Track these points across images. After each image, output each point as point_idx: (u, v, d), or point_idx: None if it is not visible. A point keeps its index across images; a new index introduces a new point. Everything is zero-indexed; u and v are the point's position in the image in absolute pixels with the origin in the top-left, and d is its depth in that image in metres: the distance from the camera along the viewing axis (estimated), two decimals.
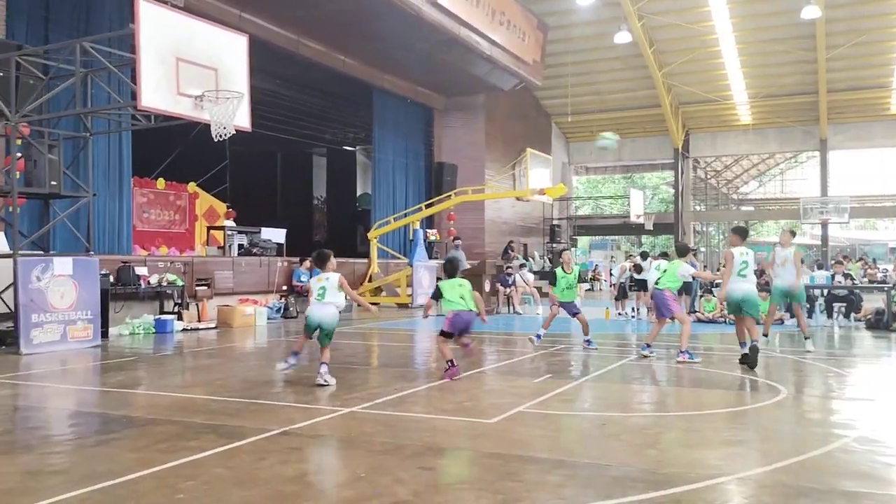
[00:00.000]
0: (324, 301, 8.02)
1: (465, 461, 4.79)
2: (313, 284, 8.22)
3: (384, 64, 22.52)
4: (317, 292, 8.06)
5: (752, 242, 43.62)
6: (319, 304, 8.03)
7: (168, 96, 10.23)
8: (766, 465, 4.77)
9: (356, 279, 21.48)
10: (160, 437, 5.44)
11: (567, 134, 35.94)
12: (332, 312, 8.09)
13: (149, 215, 20.21)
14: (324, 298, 8.01)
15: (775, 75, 29.46)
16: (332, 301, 8.08)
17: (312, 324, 8.09)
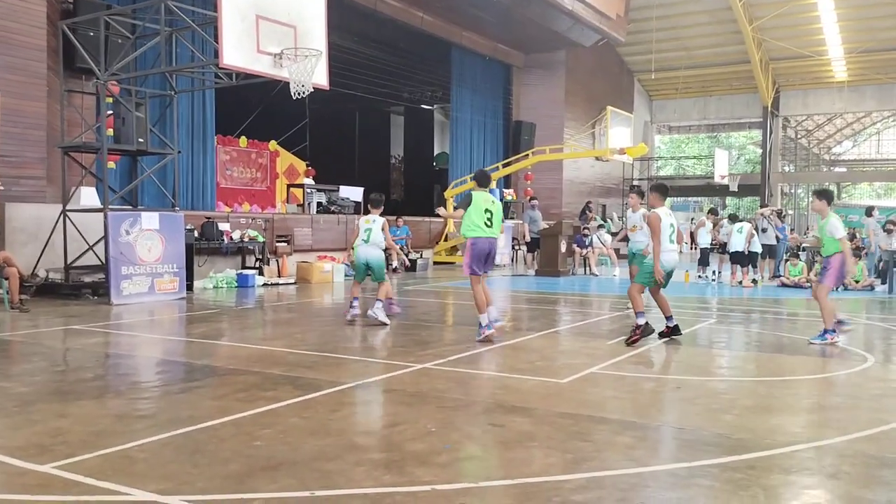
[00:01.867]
0: (369, 243, 8.86)
1: (536, 419, 4.79)
2: (361, 225, 8.91)
3: (462, 20, 22.27)
4: (363, 234, 8.83)
5: (842, 206, 41.86)
6: (365, 245, 8.86)
7: (248, 54, 10.38)
8: (848, 433, 4.60)
9: (432, 237, 21.62)
10: (240, 386, 5.64)
11: (650, 91, 34.92)
12: (377, 253, 8.92)
13: (231, 173, 20.74)
14: (369, 240, 8.85)
15: (875, 29, 27.75)
16: (376, 242, 8.87)
17: (360, 264, 8.92)
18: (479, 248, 7.72)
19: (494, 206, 7.77)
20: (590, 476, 3.76)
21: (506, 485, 3.62)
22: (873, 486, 3.69)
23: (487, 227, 7.67)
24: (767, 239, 16.42)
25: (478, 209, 7.70)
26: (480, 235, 7.69)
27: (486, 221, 7.66)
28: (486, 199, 7.75)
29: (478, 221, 7.69)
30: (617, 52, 30.83)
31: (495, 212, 7.77)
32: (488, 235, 7.72)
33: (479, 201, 7.73)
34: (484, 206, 7.72)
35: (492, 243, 7.77)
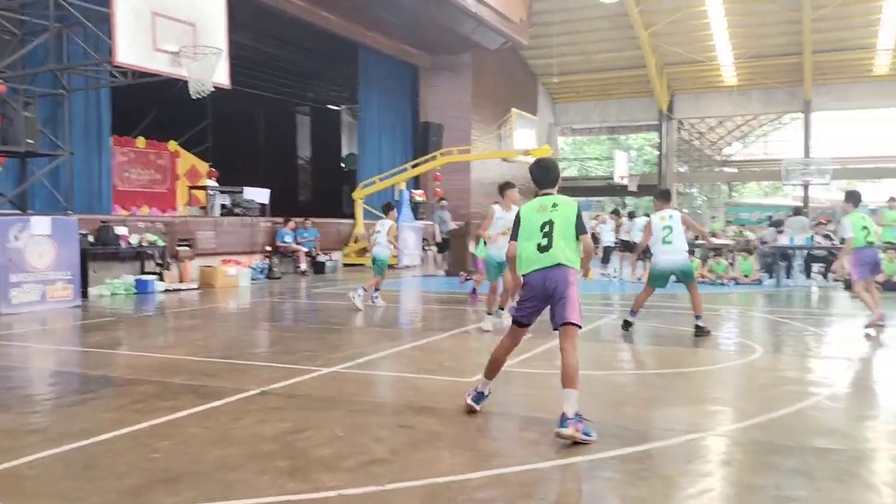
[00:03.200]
0: (378, 242, 11.08)
1: (444, 419, 4.82)
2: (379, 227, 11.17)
3: (368, 21, 22.18)
4: (375, 235, 11.13)
5: (734, 204, 43.94)
6: (378, 245, 11.06)
7: (145, 52, 10.06)
8: (740, 422, 4.83)
9: (341, 239, 21.43)
10: (138, 397, 5.43)
11: (553, 94, 35.69)
12: (380, 251, 11.13)
13: (129, 174, 19.96)
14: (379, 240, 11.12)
15: (761, 36, 29.29)
16: (381, 243, 11.10)
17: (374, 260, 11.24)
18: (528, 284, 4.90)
19: (557, 211, 4.84)
20: (495, 473, 3.81)
21: (413, 486, 3.63)
22: (764, 472, 3.88)
23: (541, 249, 4.78)
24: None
25: (530, 230, 4.88)
26: (531, 269, 4.83)
27: (538, 244, 4.79)
28: (543, 206, 4.91)
29: (528, 250, 4.85)
30: (521, 55, 31.37)
31: (559, 220, 4.80)
32: (540, 267, 4.77)
33: (530, 216, 4.93)
34: (539, 219, 4.86)
35: (546, 278, 4.75)
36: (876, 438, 4.55)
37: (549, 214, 4.82)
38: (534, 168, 5.16)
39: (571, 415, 4.30)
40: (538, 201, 4.97)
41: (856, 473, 3.88)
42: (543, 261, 4.75)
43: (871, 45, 29.12)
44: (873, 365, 7.20)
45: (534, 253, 4.80)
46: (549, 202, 4.90)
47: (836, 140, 42.96)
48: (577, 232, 4.78)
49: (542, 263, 4.75)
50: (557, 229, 4.76)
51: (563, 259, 4.72)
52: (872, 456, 4.22)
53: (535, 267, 4.79)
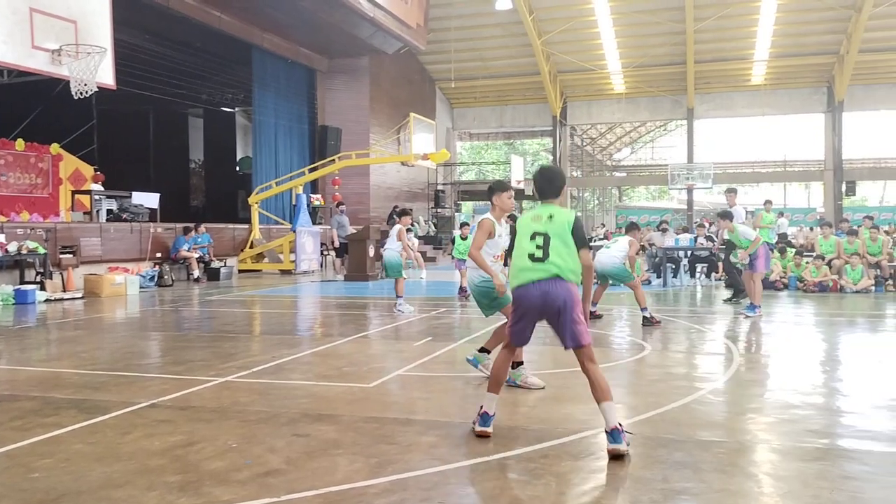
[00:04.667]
0: (385, 247, 11.48)
1: (342, 426, 4.78)
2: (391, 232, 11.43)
3: (263, 22, 21.77)
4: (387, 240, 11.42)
5: (623, 207, 45.58)
6: (387, 250, 11.25)
7: (21, 49, 9.54)
8: (629, 418, 5.01)
9: (237, 245, 20.92)
10: (15, 413, 5.13)
11: (451, 99, 36.05)
12: (390, 254, 11.21)
13: (7, 178, 18.85)
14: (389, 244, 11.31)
15: (647, 46, 30.55)
16: (391, 246, 11.24)
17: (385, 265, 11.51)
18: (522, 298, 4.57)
19: (552, 222, 4.53)
20: (394, 479, 3.81)
21: (310, 496, 3.58)
22: (651, 466, 4.04)
23: (534, 260, 4.50)
24: None
25: (522, 239, 4.63)
26: (524, 281, 4.54)
27: (531, 254, 4.52)
28: (538, 215, 4.63)
29: (519, 260, 4.59)
30: (419, 60, 31.54)
31: (554, 231, 4.50)
32: (534, 279, 4.48)
33: (525, 224, 4.66)
34: (533, 227, 4.59)
35: (546, 290, 4.45)
36: (756, 430, 4.81)
37: (543, 226, 4.51)
38: (536, 177, 4.82)
39: (620, 427, 4.18)
40: (534, 211, 4.69)
41: (738, 464, 4.09)
42: (538, 272, 4.45)
43: (749, 56, 30.89)
44: (754, 360, 7.62)
45: (527, 263, 4.49)
46: (546, 212, 4.58)
47: (718, 146, 45.30)
48: (577, 245, 4.48)
49: (537, 275, 4.44)
50: (553, 241, 4.46)
51: (561, 272, 4.41)
52: (753, 447, 4.46)
53: (529, 278, 4.46)
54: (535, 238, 4.50)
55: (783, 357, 7.75)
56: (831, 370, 7.01)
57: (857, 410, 5.28)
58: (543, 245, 4.46)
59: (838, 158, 31.95)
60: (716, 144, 45.53)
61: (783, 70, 31.34)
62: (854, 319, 10.96)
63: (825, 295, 14.18)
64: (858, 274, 14.66)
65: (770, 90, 32.13)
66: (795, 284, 14.98)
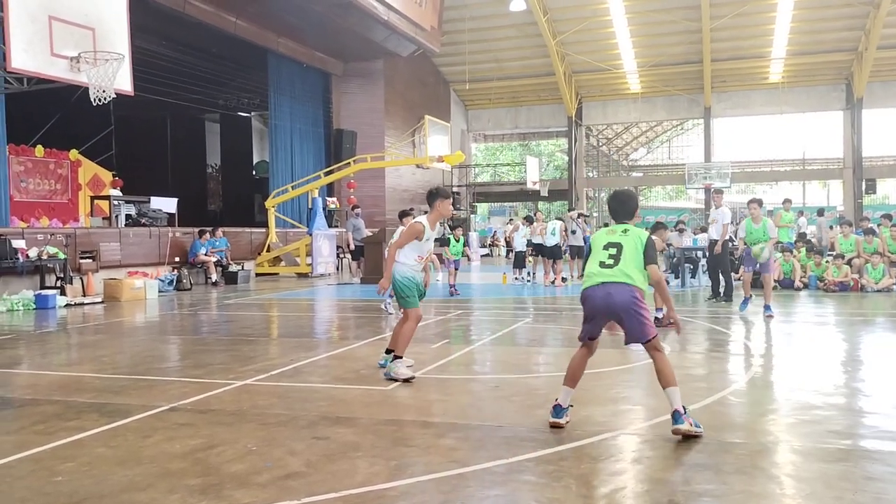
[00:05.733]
0: None
1: (360, 429, 4.79)
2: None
3: (278, 27, 21.89)
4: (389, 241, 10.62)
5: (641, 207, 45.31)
6: None
7: (41, 57, 9.63)
8: (649, 419, 4.98)
9: (254, 248, 21.03)
10: (38, 417, 5.18)
11: (465, 101, 36.07)
12: None
13: (27, 185, 19.08)
14: None
15: (663, 45, 30.43)
16: None
17: None
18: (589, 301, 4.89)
19: (626, 235, 4.84)
20: (413, 481, 3.81)
21: (330, 498, 3.59)
22: (672, 468, 4.02)
23: (604, 266, 4.81)
24: (576, 240, 17.48)
25: (595, 250, 4.96)
26: (590, 284, 4.85)
27: (601, 261, 4.83)
28: (612, 230, 5.00)
29: (590, 267, 4.93)
30: (433, 62, 31.58)
31: (626, 243, 4.80)
32: (600, 281, 4.77)
33: (598, 238, 5.02)
34: (605, 240, 4.92)
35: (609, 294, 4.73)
36: (777, 431, 4.77)
37: (617, 237, 4.83)
38: (610, 200, 5.20)
39: (682, 409, 4.47)
40: (610, 227, 5.01)
41: (759, 466, 4.06)
42: (604, 276, 4.74)
43: (766, 54, 30.68)
44: (774, 361, 7.55)
45: (596, 269, 4.81)
46: (620, 228, 4.90)
47: (736, 145, 44.98)
48: (645, 261, 4.74)
49: (603, 279, 4.74)
50: (625, 253, 4.74)
51: (627, 278, 4.68)
52: (775, 449, 4.42)
53: (596, 281, 4.77)
54: (609, 248, 4.82)
55: (804, 357, 7.68)
56: (853, 370, 6.93)
57: (879, 411, 5.21)
58: (616, 254, 4.77)
59: (858, 156, 31.65)
60: (733, 143, 45.25)
61: (801, 67, 31.10)
62: (875, 319, 10.84)
63: (846, 294, 14.04)
64: (880, 273, 14.50)
65: (788, 88, 31.88)
66: (816, 284, 14.84)
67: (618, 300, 4.67)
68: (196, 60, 21.91)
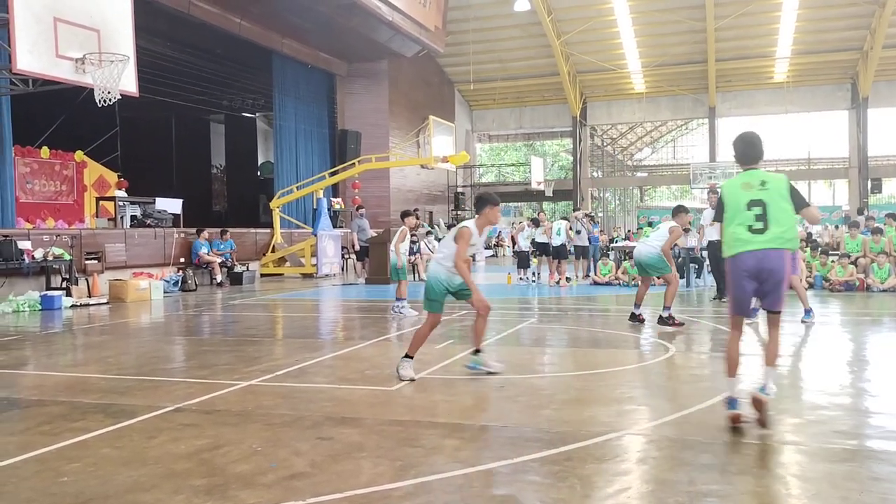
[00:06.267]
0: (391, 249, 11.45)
1: (365, 429, 4.79)
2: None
3: (283, 28, 21.91)
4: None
5: (644, 208, 45.22)
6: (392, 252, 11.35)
7: (46, 59, 9.66)
8: (654, 420, 4.98)
9: (259, 249, 21.06)
10: (43, 418, 5.19)
11: (470, 101, 36.06)
12: (392, 256, 11.34)
13: (32, 186, 19.14)
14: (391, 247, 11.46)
15: (667, 45, 30.38)
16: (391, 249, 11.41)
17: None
18: (737, 267, 4.64)
19: (767, 188, 4.58)
20: (418, 482, 3.81)
21: (335, 499, 3.59)
22: (677, 468, 4.01)
23: (753, 231, 4.53)
24: (580, 240, 17.47)
25: (735, 208, 4.64)
26: (740, 250, 4.59)
27: (749, 225, 4.55)
28: (748, 183, 4.64)
29: (737, 229, 4.60)
30: (437, 62, 31.59)
31: (770, 198, 4.54)
32: (751, 248, 4.54)
33: (735, 194, 4.67)
34: (745, 197, 4.60)
35: (760, 258, 4.53)
36: (783, 432, 4.76)
37: (757, 193, 4.55)
38: (737, 143, 4.85)
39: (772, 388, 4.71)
40: (741, 178, 4.69)
41: (765, 466, 4.05)
42: (757, 242, 4.50)
43: (771, 54, 30.61)
44: (779, 361, 7.51)
45: (745, 234, 4.53)
46: (756, 179, 4.61)
47: None
48: (796, 208, 4.56)
49: (754, 245, 4.51)
50: (771, 211, 4.49)
51: (782, 243, 4.50)
52: (780, 449, 4.41)
53: (748, 248, 4.52)
54: (752, 208, 4.53)
55: (810, 357, 7.66)
56: (859, 370, 6.91)
57: (885, 411, 5.20)
58: (762, 215, 4.50)
59: (863, 155, 31.55)
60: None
61: (806, 67, 31.01)
62: (881, 319, 10.81)
63: (852, 294, 14.00)
64: (886, 273, 14.45)
65: (793, 87, 31.80)
66: (821, 284, 14.80)
67: (769, 266, 4.50)
68: (201, 61, 21.95)
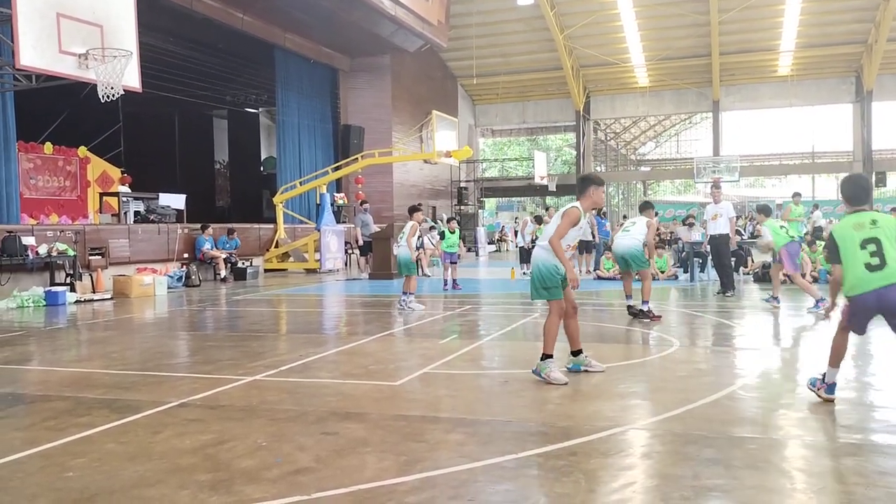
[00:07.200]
0: (399, 244, 11.29)
1: (370, 424, 4.79)
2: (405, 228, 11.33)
3: (285, 22, 21.89)
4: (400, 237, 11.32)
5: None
6: (396, 245, 11.44)
7: (49, 54, 9.65)
8: (658, 414, 4.97)
9: (262, 245, 21.07)
10: (48, 414, 5.21)
11: (473, 96, 36.01)
12: (402, 251, 11.21)
13: (36, 182, 19.16)
14: (401, 241, 11.24)
15: (671, 38, 30.30)
16: (403, 243, 11.19)
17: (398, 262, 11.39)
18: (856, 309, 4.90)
19: (878, 227, 4.78)
20: (423, 476, 3.81)
21: (340, 494, 3.59)
22: (682, 463, 4.00)
23: (872, 269, 4.71)
24: (585, 235, 17.44)
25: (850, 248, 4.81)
26: (861, 292, 4.77)
27: (867, 263, 4.72)
28: (860, 223, 4.83)
29: (856, 270, 4.77)
30: (440, 57, 31.53)
31: (884, 234, 4.75)
32: (874, 287, 4.71)
33: (848, 234, 4.84)
34: (859, 236, 4.79)
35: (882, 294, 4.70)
36: (788, 426, 4.75)
37: (868, 231, 4.74)
38: (848, 185, 5.12)
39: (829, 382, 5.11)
40: (853, 219, 4.88)
41: (770, 461, 4.04)
42: (877, 281, 4.67)
43: (775, 47, 30.52)
44: (784, 355, 7.52)
45: (864, 274, 4.70)
46: (867, 219, 4.82)
47: (744, 138, 44.76)
48: None
49: (876, 284, 4.67)
50: (885, 244, 4.68)
51: None
52: (785, 443, 4.40)
53: (869, 287, 4.69)
54: (867, 246, 4.71)
55: (814, 351, 7.64)
56: (863, 364, 6.89)
57: (890, 405, 5.19)
58: (878, 251, 4.69)
59: (868, 149, 31.46)
60: (742, 137, 45.00)
61: (810, 60, 30.92)
62: None
63: None
64: None
65: (797, 81, 31.71)
66: (826, 277, 14.77)
67: (890, 302, 4.67)
68: (203, 57, 21.94)
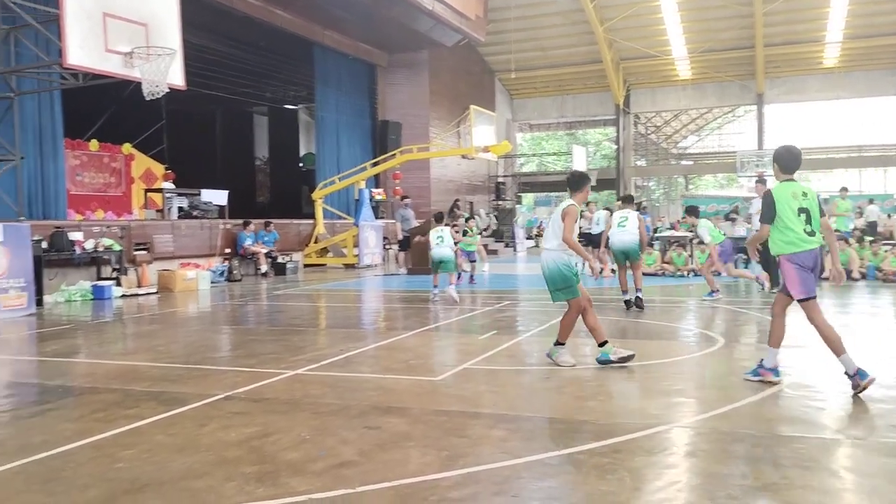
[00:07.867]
0: (443, 244, 11.62)
1: (412, 419, 4.81)
2: (432, 235, 11.81)
3: (324, 19, 22.02)
4: (436, 240, 11.63)
5: (689, 196, 44.58)
6: (439, 246, 11.59)
7: (96, 53, 9.86)
8: (703, 412, 4.91)
9: (301, 240, 21.26)
10: (98, 405, 5.32)
11: (511, 90, 35.84)
12: (447, 252, 11.64)
13: (82, 178, 19.57)
14: (443, 242, 11.63)
15: (713, 30, 29.78)
16: (448, 244, 11.70)
17: (435, 259, 11.66)
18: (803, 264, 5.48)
19: (808, 199, 5.53)
20: (466, 472, 3.81)
21: (383, 488, 3.62)
22: (728, 462, 3.95)
23: (809, 234, 5.46)
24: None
25: (788, 210, 5.49)
26: (800, 249, 5.46)
27: (804, 229, 5.46)
28: (794, 192, 5.52)
29: (794, 228, 5.45)
30: (478, 52, 31.44)
31: (812, 208, 5.51)
32: (809, 248, 5.45)
33: (786, 198, 5.51)
34: (795, 203, 5.50)
35: (815, 255, 5.51)
36: (835, 425, 4.66)
37: (802, 202, 5.49)
38: (786, 155, 5.71)
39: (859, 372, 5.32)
40: (789, 188, 5.56)
41: (819, 460, 3.96)
42: (811, 243, 5.46)
43: (821, 38, 29.82)
44: (831, 353, 7.35)
45: (804, 236, 5.46)
46: (799, 191, 5.54)
47: (789, 131, 43.86)
48: (821, 216, 5.56)
49: (811, 245, 5.45)
50: (813, 216, 5.50)
51: (820, 242, 5.54)
52: (835, 443, 4.32)
53: (806, 247, 5.45)
54: (801, 215, 5.48)
55: (862, 349, 7.46)
56: None
57: None
58: (809, 221, 5.49)
59: None
60: (787, 130, 44.09)
61: (857, 51, 30.14)
62: None
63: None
64: None
65: (844, 73, 30.95)
66: (874, 274, 14.43)
67: (818, 262, 5.50)
68: (244, 54, 22.17)
